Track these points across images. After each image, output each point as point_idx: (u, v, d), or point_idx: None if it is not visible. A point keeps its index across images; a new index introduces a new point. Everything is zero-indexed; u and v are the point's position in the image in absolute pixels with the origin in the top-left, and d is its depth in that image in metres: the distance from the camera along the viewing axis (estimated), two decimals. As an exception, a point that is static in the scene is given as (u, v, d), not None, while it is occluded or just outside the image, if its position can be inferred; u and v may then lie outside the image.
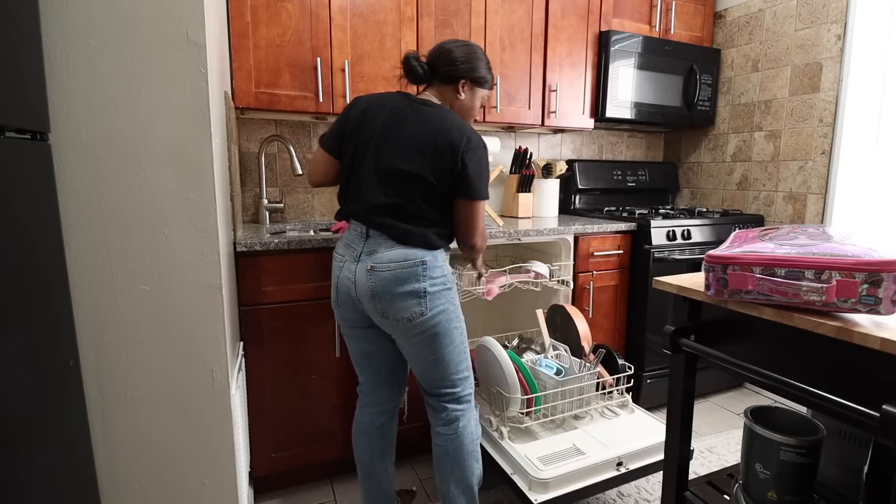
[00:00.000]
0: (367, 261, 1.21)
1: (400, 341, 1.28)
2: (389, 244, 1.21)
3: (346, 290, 1.25)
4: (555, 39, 2.17)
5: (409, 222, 1.22)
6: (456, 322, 1.27)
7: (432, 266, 1.22)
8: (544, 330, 1.78)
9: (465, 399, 1.31)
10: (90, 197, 1.00)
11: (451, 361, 1.27)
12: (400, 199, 1.21)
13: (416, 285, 1.20)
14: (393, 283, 1.19)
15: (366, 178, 1.24)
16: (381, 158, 1.22)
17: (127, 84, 1.00)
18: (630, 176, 2.70)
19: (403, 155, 1.21)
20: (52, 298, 0.91)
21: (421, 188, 1.21)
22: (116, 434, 1.09)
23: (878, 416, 0.69)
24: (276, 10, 1.69)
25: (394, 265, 1.19)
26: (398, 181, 1.21)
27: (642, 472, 1.44)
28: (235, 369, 1.27)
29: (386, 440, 1.41)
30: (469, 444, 1.30)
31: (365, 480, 1.41)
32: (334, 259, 1.30)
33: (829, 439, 1.11)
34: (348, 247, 1.26)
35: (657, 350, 2.18)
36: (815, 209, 2.21)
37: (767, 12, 2.35)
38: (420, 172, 1.20)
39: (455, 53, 1.28)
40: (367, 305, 1.23)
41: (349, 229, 1.29)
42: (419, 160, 1.20)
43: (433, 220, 1.24)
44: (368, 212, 1.23)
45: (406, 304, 1.19)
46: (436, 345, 1.24)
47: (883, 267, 0.74)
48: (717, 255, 0.92)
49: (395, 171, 1.21)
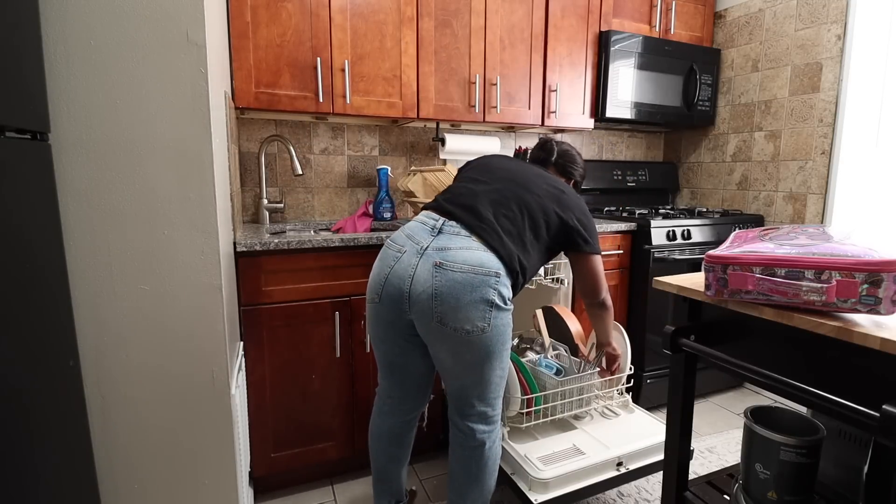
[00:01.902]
0: (435, 256, 1.10)
1: (441, 354, 1.16)
2: (466, 243, 1.12)
3: (397, 284, 1.13)
4: (555, 39, 2.17)
5: (505, 230, 1.17)
6: (508, 344, 1.20)
7: (504, 283, 1.13)
8: (544, 330, 1.78)
9: (494, 420, 1.24)
10: (90, 197, 1.00)
11: (494, 382, 1.19)
12: (514, 205, 1.21)
13: (487, 295, 1.09)
14: (462, 287, 1.08)
15: (480, 178, 1.27)
16: (505, 173, 1.27)
17: (127, 84, 1.00)
18: (630, 176, 2.70)
19: (530, 181, 1.27)
20: (52, 298, 0.91)
21: (535, 211, 1.22)
22: (116, 434, 1.09)
23: (878, 416, 0.69)
24: (276, 10, 1.69)
25: (468, 267, 1.09)
26: (518, 194, 1.23)
27: (642, 472, 1.44)
28: (235, 369, 1.27)
29: (404, 448, 1.37)
30: (491, 465, 1.24)
31: (378, 482, 1.39)
32: (387, 248, 1.20)
33: (829, 439, 1.11)
34: (410, 238, 1.16)
35: (657, 350, 2.18)
36: (815, 209, 2.21)
37: (767, 12, 2.35)
38: (540, 202, 1.23)
39: (577, 158, 1.52)
40: (422, 306, 1.11)
41: (414, 220, 1.22)
42: (543, 193, 1.25)
43: (526, 246, 1.20)
44: (463, 204, 1.19)
45: (471, 314, 1.09)
46: (487, 365, 1.15)
47: (883, 267, 0.74)
48: (717, 255, 0.92)
49: (519, 185, 1.24)
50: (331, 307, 1.61)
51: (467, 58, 2.01)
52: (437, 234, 1.15)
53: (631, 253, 2.16)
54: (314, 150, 2.12)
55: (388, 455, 1.36)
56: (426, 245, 1.13)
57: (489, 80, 2.06)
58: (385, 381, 1.33)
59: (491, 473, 1.25)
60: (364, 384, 1.70)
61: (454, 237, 1.14)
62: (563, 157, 1.49)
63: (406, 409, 1.34)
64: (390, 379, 1.31)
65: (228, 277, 1.26)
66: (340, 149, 2.16)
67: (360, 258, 1.63)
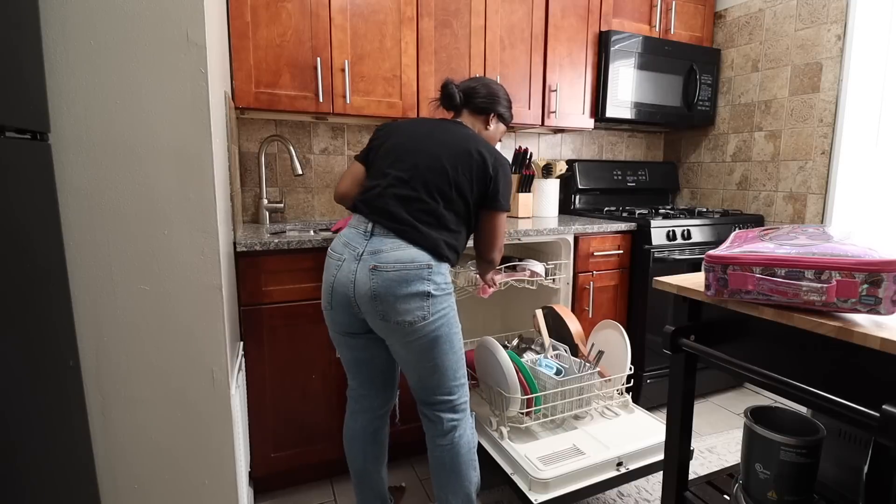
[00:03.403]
0: (370, 260, 1.17)
1: (395, 347, 1.24)
2: (396, 243, 1.18)
3: (343, 290, 1.21)
4: (555, 39, 2.17)
5: (423, 223, 1.20)
6: (455, 328, 1.25)
7: (437, 271, 1.20)
8: (544, 330, 1.78)
9: (461, 408, 1.28)
10: (90, 197, 1.00)
11: (450, 368, 1.25)
12: (424, 194, 1.21)
13: (421, 287, 1.17)
14: (397, 283, 1.15)
15: (390, 172, 1.25)
16: (412, 157, 1.25)
17: (127, 84, 1.00)
18: (630, 176, 2.70)
19: (436, 156, 1.25)
20: (52, 298, 0.91)
21: (447, 190, 1.22)
22: (116, 434, 1.09)
23: (878, 416, 0.69)
24: (276, 10, 1.69)
25: (399, 266, 1.16)
26: (426, 178, 1.22)
27: (642, 472, 1.44)
28: (235, 369, 1.27)
29: (379, 445, 1.40)
30: (466, 453, 1.28)
31: (359, 485, 1.41)
32: (329, 258, 1.26)
33: (829, 439, 1.11)
34: (347, 245, 1.22)
35: (657, 350, 2.18)
36: (815, 209, 2.21)
37: (767, 12, 2.35)
38: (451, 174, 1.23)
39: (491, 88, 1.42)
40: (366, 307, 1.18)
41: (349, 227, 1.27)
42: (452, 164, 1.24)
43: (448, 227, 1.23)
44: (378, 208, 1.22)
45: (409, 306, 1.16)
46: (436, 350, 1.21)
47: (883, 267, 0.74)
48: (717, 255, 0.92)
49: (426, 167, 1.23)
50: (331, 307, 1.61)
51: (467, 58, 2.01)
52: (369, 237, 1.21)
53: (631, 253, 2.16)
54: (314, 150, 2.12)
55: (366, 455, 1.38)
56: (362, 251, 1.20)
57: (489, 80, 2.06)
58: (354, 380, 1.38)
59: (466, 463, 1.28)
60: (364, 384, 1.70)
61: (385, 239, 1.20)
62: (470, 95, 1.39)
63: (377, 405, 1.38)
64: (358, 377, 1.36)
65: (228, 277, 1.26)
66: (340, 149, 2.16)
67: (360, 258, 1.63)
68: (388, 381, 1.38)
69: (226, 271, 1.20)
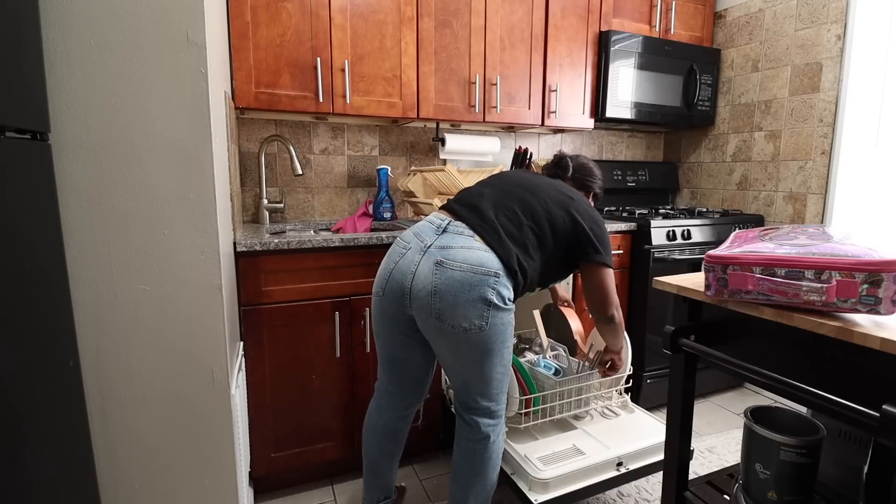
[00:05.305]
0: (437, 254, 1.12)
1: (443, 350, 1.19)
2: (468, 242, 1.14)
3: (400, 279, 1.16)
4: (555, 39, 2.17)
5: (505, 231, 1.18)
6: (508, 342, 1.21)
7: (503, 283, 1.14)
8: (541, 330, 1.78)
9: (499, 414, 1.25)
10: (90, 197, 1.00)
11: (495, 379, 1.21)
12: (517, 207, 1.22)
13: (485, 294, 1.11)
14: (461, 284, 1.10)
15: (489, 184, 1.28)
16: (512, 179, 1.29)
17: (127, 84, 1.00)
18: (630, 176, 2.70)
19: (535, 187, 1.27)
20: (52, 298, 0.91)
21: (539, 214, 1.23)
22: (116, 434, 1.09)
23: (878, 416, 0.69)
24: (276, 10, 1.69)
25: (467, 266, 1.10)
26: (523, 198, 1.24)
27: (642, 472, 1.44)
28: (235, 369, 1.27)
29: (397, 443, 1.40)
30: (495, 458, 1.26)
31: (369, 475, 1.41)
32: (395, 244, 1.24)
33: (829, 439, 1.11)
34: (417, 236, 1.19)
35: (657, 350, 2.18)
36: (815, 209, 2.21)
37: (767, 12, 2.35)
38: (545, 206, 1.24)
39: (595, 170, 1.52)
40: (422, 302, 1.13)
41: (424, 220, 1.25)
42: (552, 199, 1.26)
43: (526, 247, 1.20)
44: (469, 204, 1.22)
45: (469, 312, 1.10)
46: (486, 362, 1.17)
47: (883, 267, 0.74)
48: (717, 255, 0.92)
49: (525, 190, 1.25)
50: (331, 307, 1.61)
51: (467, 58, 2.01)
52: (441, 232, 1.18)
53: (631, 253, 2.16)
54: (314, 150, 2.12)
55: (382, 450, 1.38)
56: (430, 243, 1.16)
57: (489, 80, 2.06)
58: (385, 374, 1.35)
59: (494, 468, 1.27)
60: (364, 384, 1.70)
61: (457, 236, 1.16)
62: (579, 171, 1.49)
63: (403, 404, 1.37)
64: (389, 373, 1.34)
65: (228, 277, 1.26)
66: (340, 149, 2.16)
67: (359, 258, 1.63)
68: (419, 385, 1.35)
69: (226, 271, 1.20)
